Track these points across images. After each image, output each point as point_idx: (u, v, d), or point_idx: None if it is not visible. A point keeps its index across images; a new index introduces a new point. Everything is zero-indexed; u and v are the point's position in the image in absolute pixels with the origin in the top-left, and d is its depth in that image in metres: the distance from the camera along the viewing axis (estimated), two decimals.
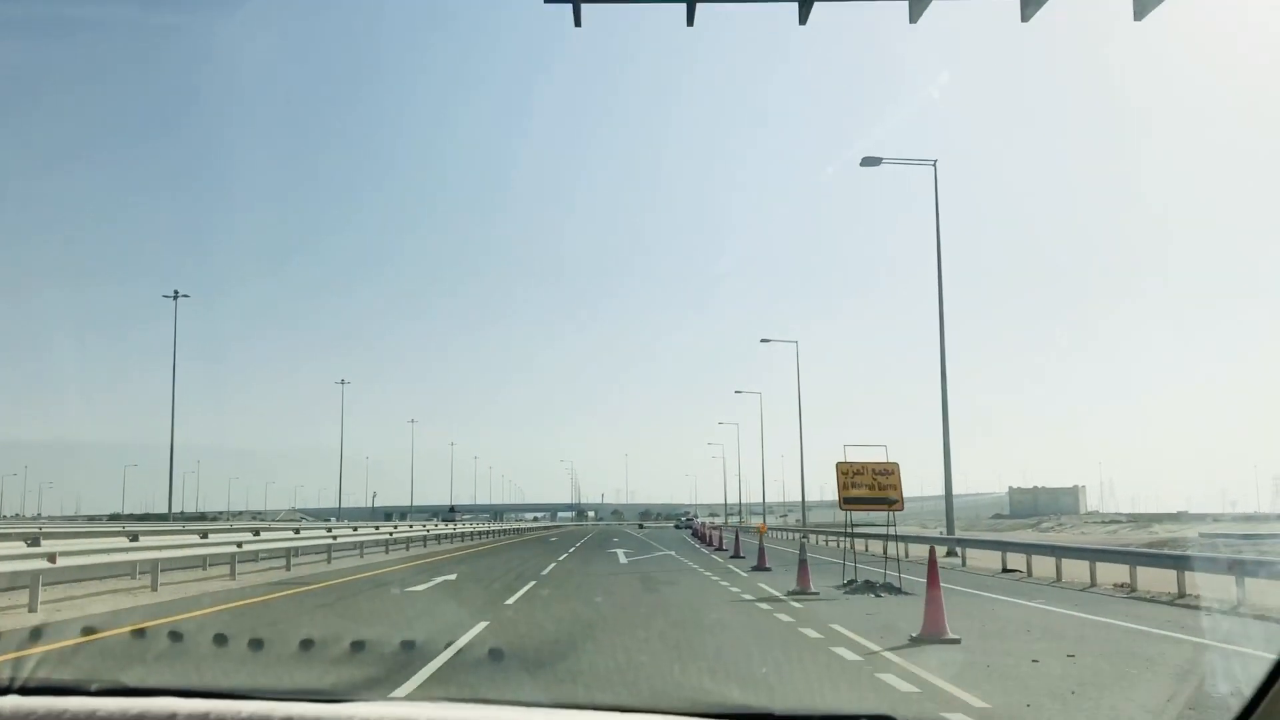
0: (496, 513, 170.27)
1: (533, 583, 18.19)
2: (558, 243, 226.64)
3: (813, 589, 15.64)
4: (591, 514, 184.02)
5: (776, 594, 15.80)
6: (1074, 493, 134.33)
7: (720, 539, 39.84)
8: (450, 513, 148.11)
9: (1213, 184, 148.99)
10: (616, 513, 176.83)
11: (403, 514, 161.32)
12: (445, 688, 6.75)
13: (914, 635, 10.27)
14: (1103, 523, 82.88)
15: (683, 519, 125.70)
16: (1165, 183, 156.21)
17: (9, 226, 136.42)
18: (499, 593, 16.08)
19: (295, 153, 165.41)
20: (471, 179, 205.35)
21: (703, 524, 79.79)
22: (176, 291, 55.99)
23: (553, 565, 24.74)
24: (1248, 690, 2.29)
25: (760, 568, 22.63)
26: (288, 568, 21.97)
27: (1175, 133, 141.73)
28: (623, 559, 28.77)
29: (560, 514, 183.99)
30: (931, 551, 12.07)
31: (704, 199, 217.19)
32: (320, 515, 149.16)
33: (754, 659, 9.08)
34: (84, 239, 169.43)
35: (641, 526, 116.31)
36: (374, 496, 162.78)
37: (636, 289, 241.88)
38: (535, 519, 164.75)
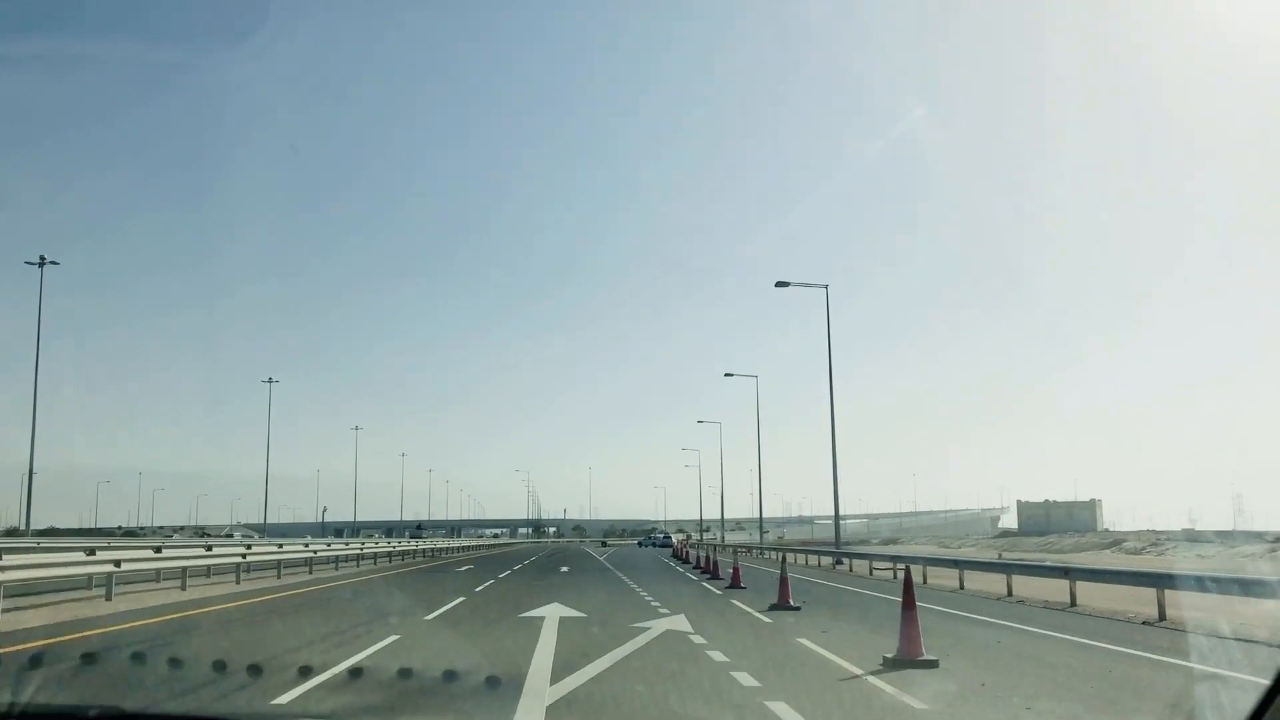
0: (454, 529, 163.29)
1: None
2: (521, 241, 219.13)
3: None
4: (553, 530, 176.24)
5: None
6: (1091, 507, 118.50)
7: (731, 571, 24.35)
8: (418, 529, 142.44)
9: (1201, 206, 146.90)
10: (578, 529, 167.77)
11: (355, 530, 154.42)
12: None
13: None
14: (1155, 543, 63.15)
15: (655, 535, 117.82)
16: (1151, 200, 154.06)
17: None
18: None
19: (292, 172, 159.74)
20: (451, 181, 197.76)
21: (690, 541, 71.98)
22: (43, 258, 47.98)
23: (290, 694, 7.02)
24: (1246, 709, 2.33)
25: None
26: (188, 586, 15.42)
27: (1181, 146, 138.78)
28: (543, 669, 8.96)
29: (521, 530, 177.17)
30: None
31: (675, 195, 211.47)
32: (266, 531, 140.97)
33: None
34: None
35: (604, 544, 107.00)
36: (324, 511, 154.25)
37: (602, 285, 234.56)
38: (496, 535, 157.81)
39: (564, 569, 33.80)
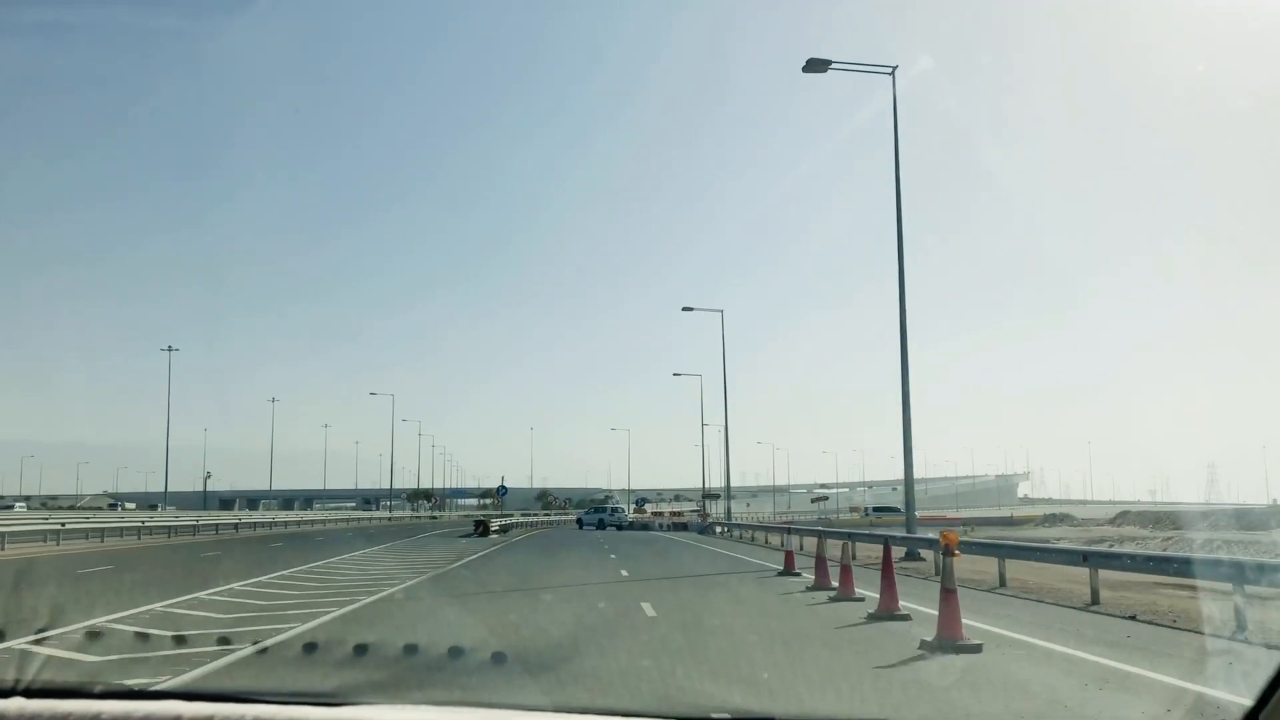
0: (373, 499, 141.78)
1: None
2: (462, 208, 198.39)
3: None
4: (474, 503, 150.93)
5: None
6: None
7: None
8: (367, 504, 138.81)
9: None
10: (490, 495, 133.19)
11: (252, 501, 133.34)
12: None
13: None
14: None
15: (609, 507, 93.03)
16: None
17: None
18: None
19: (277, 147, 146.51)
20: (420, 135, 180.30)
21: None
22: None
23: None
24: (1250, 696, 2.33)
25: None
26: None
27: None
28: None
29: (461, 501, 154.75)
30: None
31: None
32: (145, 501, 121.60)
33: None
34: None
35: (497, 530, 57.98)
36: (208, 478, 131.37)
37: (559, 250, 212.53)
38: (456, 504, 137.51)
39: None
